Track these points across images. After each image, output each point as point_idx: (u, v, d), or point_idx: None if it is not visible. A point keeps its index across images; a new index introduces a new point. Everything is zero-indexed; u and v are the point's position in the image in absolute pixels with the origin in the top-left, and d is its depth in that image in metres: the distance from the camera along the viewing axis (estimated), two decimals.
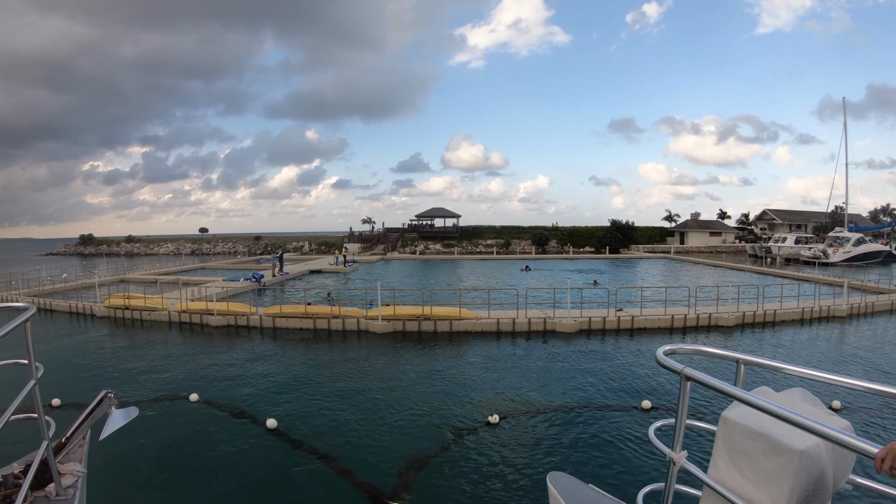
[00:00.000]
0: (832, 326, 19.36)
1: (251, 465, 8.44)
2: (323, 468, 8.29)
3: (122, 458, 8.44)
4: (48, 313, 23.63)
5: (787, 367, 2.14)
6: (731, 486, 1.93)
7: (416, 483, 7.75)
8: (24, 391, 2.51)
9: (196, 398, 11.43)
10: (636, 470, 7.90)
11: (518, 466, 8.13)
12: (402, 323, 17.96)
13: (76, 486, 2.78)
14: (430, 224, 75.18)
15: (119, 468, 8.15)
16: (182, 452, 8.94)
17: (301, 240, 76.83)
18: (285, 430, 9.73)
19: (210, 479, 7.95)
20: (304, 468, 8.31)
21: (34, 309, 2.58)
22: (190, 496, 7.53)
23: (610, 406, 10.81)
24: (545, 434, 9.44)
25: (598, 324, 18.10)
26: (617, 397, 11.29)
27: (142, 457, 8.63)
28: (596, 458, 8.37)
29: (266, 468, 8.31)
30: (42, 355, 14.80)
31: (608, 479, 7.56)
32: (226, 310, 19.88)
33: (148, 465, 8.38)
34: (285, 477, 8.02)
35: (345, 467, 8.22)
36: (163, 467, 8.35)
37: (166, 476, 8.08)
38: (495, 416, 9.99)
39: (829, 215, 64.61)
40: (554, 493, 3.00)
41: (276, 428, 9.75)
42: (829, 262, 45.09)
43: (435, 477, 7.92)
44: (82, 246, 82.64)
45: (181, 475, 8.12)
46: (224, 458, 8.66)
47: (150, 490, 7.64)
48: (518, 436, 9.36)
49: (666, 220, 79.87)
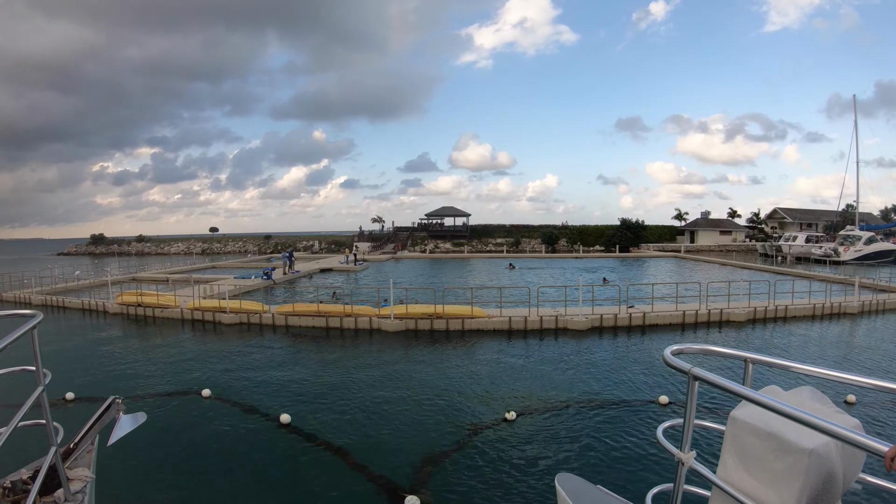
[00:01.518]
0: (843, 323, 19.32)
1: (266, 459, 8.51)
2: (338, 463, 8.34)
3: (136, 453, 8.51)
4: (61, 311, 23.98)
5: (795, 366, 2.12)
6: (739, 486, 1.92)
7: (432, 479, 7.77)
8: (31, 397, 2.52)
9: (208, 394, 11.51)
10: (651, 468, 7.84)
11: (535, 464, 8.11)
12: (414, 322, 18.00)
13: (84, 492, 2.81)
14: (439, 223, 75.37)
15: (135, 463, 8.23)
16: (197, 447, 9.01)
17: (311, 239, 77.19)
18: (299, 425, 9.77)
19: (226, 474, 8.03)
20: (319, 463, 8.37)
21: (41, 316, 2.60)
22: (206, 490, 7.59)
23: (626, 402, 10.82)
24: (562, 431, 9.42)
25: (609, 321, 18.09)
26: (633, 394, 11.29)
27: (156, 452, 8.72)
28: (612, 456, 8.33)
29: (281, 463, 8.39)
30: (55, 351, 15.07)
31: (621, 479, 7.52)
32: (238, 308, 20.03)
33: (163, 460, 8.46)
34: (300, 471, 8.09)
35: (360, 462, 8.25)
36: (178, 462, 8.43)
37: (182, 470, 8.15)
38: (512, 413, 9.99)
39: (840, 214, 64.08)
40: (562, 494, 3.01)
41: (289, 423, 9.80)
42: (840, 260, 44.80)
43: (451, 473, 7.92)
44: (93, 246, 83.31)
45: (196, 469, 8.18)
46: (239, 452, 8.73)
47: (166, 484, 7.71)
48: (535, 433, 9.35)
49: (676, 219, 79.63)
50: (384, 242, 69.37)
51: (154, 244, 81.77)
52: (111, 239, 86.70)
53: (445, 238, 71.35)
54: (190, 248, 77.62)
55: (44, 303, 25.30)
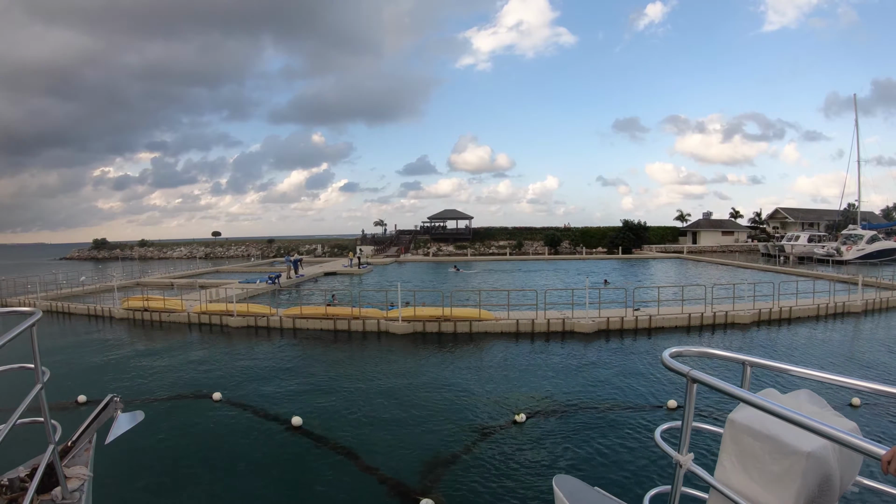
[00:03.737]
0: (847, 322, 19.45)
1: (278, 461, 8.59)
2: (349, 465, 8.39)
3: (150, 455, 8.63)
4: (66, 316, 24.01)
5: (792, 369, 2.13)
6: (737, 488, 1.94)
7: (444, 481, 7.80)
8: (30, 395, 2.52)
9: (219, 397, 11.57)
10: (659, 472, 7.84)
11: (545, 466, 8.14)
12: (422, 324, 18.04)
13: (82, 490, 2.80)
14: (442, 226, 75.29)
15: (149, 465, 8.33)
16: (210, 450, 9.07)
17: (313, 243, 77.24)
18: (310, 428, 9.82)
19: (239, 476, 8.09)
20: (331, 465, 8.43)
21: (40, 313, 2.59)
22: (220, 492, 7.65)
23: (633, 406, 10.84)
24: (570, 434, 9.44)
25: (616, 324, 18.15)
26: (640, 398, 11.32)
27: (170, 454, 8.82)
28: (620, 459, 8.36)
29: (293, 465, 8.46)
30: (65, 355, 15.12)
31: (626, 482, 7.55)
32: (246, 311, 20.10)
33: (177, 462, 8.55)
34: (313, 473, 8.15)
35: (371, 465, 8.30)
36: (192, 463, 8.51)
37: (196, 472, 8.22)
38: (522, 415, 10.03)
39: (842, 213, 64.03)
40: (560, 496, 3.01)
41: (300, 426, 9.85)
42: (843, 259, 44.81)
43: (462, 475, 7.95)
44: (96, 250, 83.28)
45: (211, 472, 8.25)
46: (251, 455, 8.80)
47: (180, 486, 7.79)
48: (545, 435, 9.38)
49: (678, 220, 79.62)
50: (387, 246, 69.48)
51: (157, 248, 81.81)
52: (113, 243, 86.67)
53: (448, 241, 71.28)
54: (193, 252, 77.54)
55: (49, 308, 25.28)
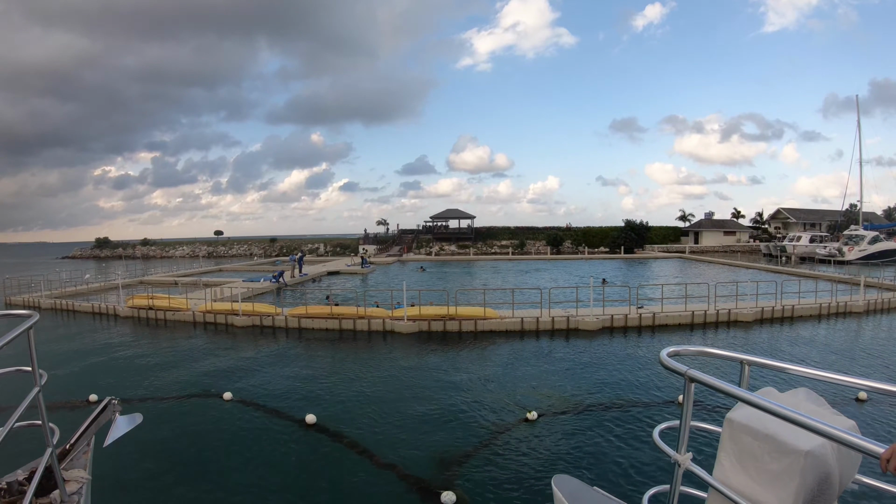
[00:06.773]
0: (849, 322, 19.59)
1: (293, 459, 8.63)
2: (366, 462, 8.42)
3: (166, 454, 8.72)
4: (71, 315, 24.04)
5: (791, 368, 2.13)
6: (736, 488, 1.94)
7: (463, 476, 7.84)
8: (28, 398, 2.50)
9: (230, 397, 11.58)
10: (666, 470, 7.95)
11: (557, 463, 8.16)
12: (427, 323, 18.10)
13: (81, 493, 2.79)
14: (444, 225, 75.32)
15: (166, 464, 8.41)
16: (223, 449, 9.09)
17: (315, 242, 77.37)
18: (324, 425, 9.85)
19: (254, 473, 8.14)
20: (348, 462, 8.47)
21: (37, 316, 2.60)
22: (237, 490, 7.69)
23: (642, 403, 10.89)
24: (579, 432, 9.45)
25: (619, 321, 18.27)
26: (648, 395, 11.37)
27: (184, 454, 8.88)
28: (629, 457, 8.36)
29: (308, 462, 8.50)
30: (71, 354, 15.19)
31: (630, 483, 7.48)
32: (251, 310, 20.15)
33: (190, 462, 8.61)
34: (328, 470, 8.21)
35: (388, 462, 8.34)
36: (206, 462, 8.57)
37: (211, 471, 8.27)
38: (534, 413, 10.05)
39: (844, 213, 64.10)
40: (559, 496, 3.00)
41: (314, 423, 9.89)
42: (845, 260, 44.88)
43: (479, 471, 8.00)
44: (98, 249, 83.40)
45: (226, 471, 8.28)
46: (267, 453, 8.82)
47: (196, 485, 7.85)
48: (557, 433, 9.41)
49: (680, 220, 79.68)
50: (389, 245, 69.58)
51: (159, 247, 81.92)
52: (116, 242, 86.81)
53: (450, 240, 71.37)
54: (195, 251, 77.71)
55: (53, 307, 25.39)
